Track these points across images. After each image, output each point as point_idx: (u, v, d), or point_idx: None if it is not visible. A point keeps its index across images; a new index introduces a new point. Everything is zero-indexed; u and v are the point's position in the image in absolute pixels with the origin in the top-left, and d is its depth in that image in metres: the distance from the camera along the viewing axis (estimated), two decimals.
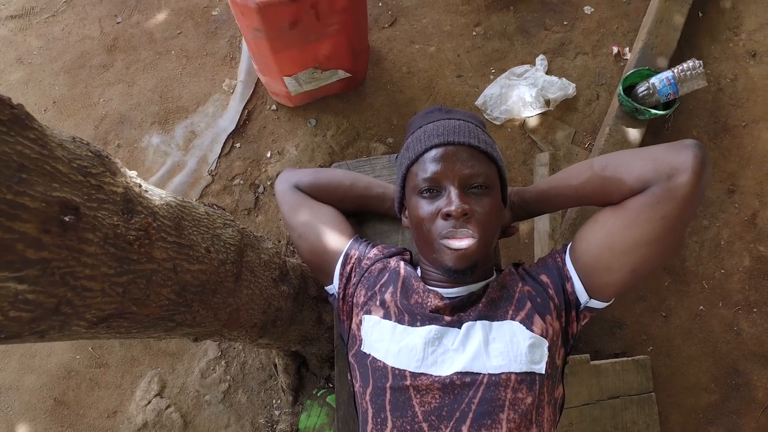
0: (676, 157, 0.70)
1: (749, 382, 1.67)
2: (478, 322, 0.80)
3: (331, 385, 1.66)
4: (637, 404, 1.55)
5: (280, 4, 1.40)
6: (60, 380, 1.72)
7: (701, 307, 1.73)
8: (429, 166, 0.81)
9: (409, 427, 0.76)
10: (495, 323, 0.80)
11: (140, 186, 0.62)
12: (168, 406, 1.66)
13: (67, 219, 0.46)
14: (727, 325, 1.72)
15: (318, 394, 1.62)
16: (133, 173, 0.62)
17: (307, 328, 1.41)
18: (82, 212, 0.49)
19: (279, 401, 1.66)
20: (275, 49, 1.58)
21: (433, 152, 0.82)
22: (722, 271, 1.77)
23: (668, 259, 0.65)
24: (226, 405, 1.66)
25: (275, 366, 1.67)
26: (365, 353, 0.85)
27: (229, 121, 2.01)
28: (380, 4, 2.20)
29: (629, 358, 1.59)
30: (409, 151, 0.87)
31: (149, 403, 1.67)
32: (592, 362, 1.54)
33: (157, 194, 0.68)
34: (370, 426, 0.81)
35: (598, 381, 1.53)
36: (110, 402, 1.69)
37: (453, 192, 0.79)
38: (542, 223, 1.73)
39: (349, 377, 0.93)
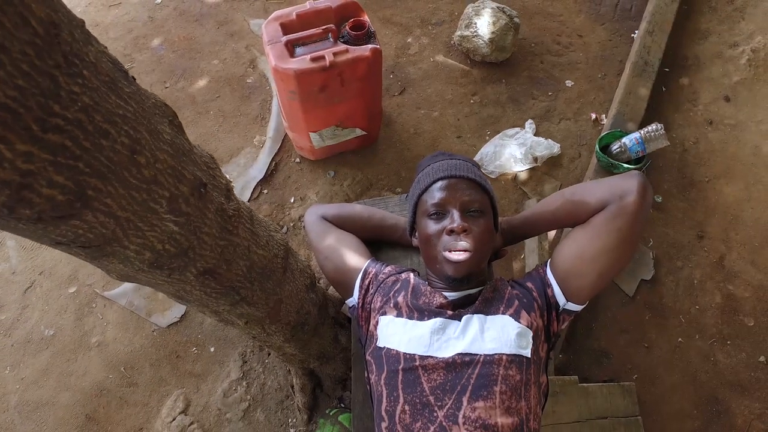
0: (625, 183, 0.95)
1: (729, 410, 1.80)
2: (475, 315, 0.98)
3: (342, 405, 1.80)
4: (625, 426, 1.67)
5: (313, 72, 1.73)
6: (92, 398, 1.87)
7: (680, 340, 1.91)
8: (436, 194, 1.02)
9: (418, 400, 0.92)
10: (489, 316, 0.99)
11: (231, 183, 0.87)
12: (191, 423, 1.80)
13: (202, 190, 0.71)
14: (705, 356, 1.89)
15: (330, 414, 1.75)
16: (227, 175, 0.87)
17: (325, 345, 1.59)
18: (208, 189, 0.73)
19: (294, 420, 1.79)
20: (305, 109, 1.90)
21: (440, 183, 1.03)
22: (697, 307, 1.96)
23: (625, 266, 0.84)
24: (246, 423, 1.79)
25: (292, 387, 1.82)
26: (381, 347, 1.02)
27: (258, 170, 2.31)
28: (391, 75, 2.58)
29: (616, 383, 1.74)
30: (420, 183, 1.09)
31: (174, 420, 1.80)
32: (580, 384, 1.70)
33: (237, 194, 0.92)
34: (384, 404, 0.96)
35: (587, 401, 1.67)
36: (137, 419, 1.83)
37: (455, 213, 1.00)
38: (533, 260, 1.96)
39: (366, 374, 1.10)
